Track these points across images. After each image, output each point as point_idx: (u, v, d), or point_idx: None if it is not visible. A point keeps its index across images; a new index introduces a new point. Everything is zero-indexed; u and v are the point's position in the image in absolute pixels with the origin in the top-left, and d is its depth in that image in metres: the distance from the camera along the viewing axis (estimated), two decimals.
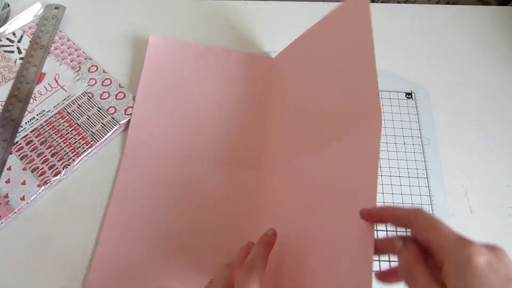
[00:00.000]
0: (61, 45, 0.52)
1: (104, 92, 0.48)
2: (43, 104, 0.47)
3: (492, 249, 0.21)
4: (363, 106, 0.31)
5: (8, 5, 0.55)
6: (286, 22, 0.56)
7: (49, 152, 0.44)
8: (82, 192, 0.43)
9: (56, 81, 0.49)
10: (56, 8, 0.55)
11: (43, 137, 0.45)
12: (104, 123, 0.46)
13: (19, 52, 0.51)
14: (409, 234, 0.25)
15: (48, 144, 0.44)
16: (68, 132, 0.45)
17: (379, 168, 0.31)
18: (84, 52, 0.51)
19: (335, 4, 0.59)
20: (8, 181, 0.42)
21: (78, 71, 0.50)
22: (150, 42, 0.50)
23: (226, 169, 0.43)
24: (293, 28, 0.48)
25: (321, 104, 0.37)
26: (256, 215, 0.40)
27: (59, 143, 0.44)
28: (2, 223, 0.40)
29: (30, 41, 0.52)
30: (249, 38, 0.50)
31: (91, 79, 0.49)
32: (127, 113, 0.47)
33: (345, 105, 0.34)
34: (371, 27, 0.33)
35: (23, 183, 0.42)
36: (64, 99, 0.48)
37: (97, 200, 0.42)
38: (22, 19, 0.54)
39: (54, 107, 0.47)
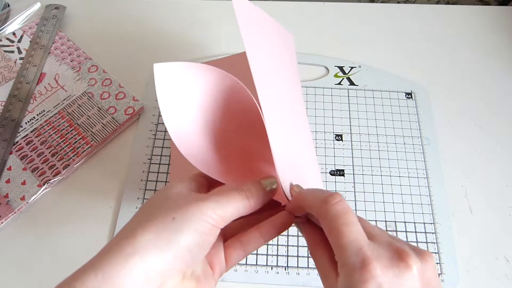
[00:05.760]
0: (61, 45, 0.52)
1: (104, 92, 0.48)
2: (43, 104, 0.47)
3: (397, 266, 0.18)
4: None
5: (8, 5, 0.55)
6: (286, 22, 0.56)
7: (49, 152, 0.44)
8: (82, 192, 0.43)
9: (56, 81, 0.49)
10: (56, 8, 0.55)
11: (43, 137, 0.45)
12: (104, 123, 0.46)
13: (19, 52, 0.51)
14: None
15: (48, 144, 0.44)
16: (68, 132, 0.45)
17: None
18: (84, 52, 0.51)
19: (335, 4, 0.59)
20: (8, 181, 0.42)
21: (78, 71, 0.50)
22: (156, 71, 0.39)
23: None
24: (294, 29, 0.48)
25: None
26: None
27: (59, 143, 0.44)
28: (2, 223, 0.40)
29: (30, 41, 0.52)
30: None
31: (91, 79, 0.49)
32: (127, 113, 0.47)
33: None
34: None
35: (23, 183, 0.42)
36: (64, 99, 0.48)
37: (97, 200, 0.42)
38: (22, 19, 0.54)
39: (54, 107, 0.47)
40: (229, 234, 0.26)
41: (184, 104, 0.27)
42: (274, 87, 0.29)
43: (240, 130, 0.30)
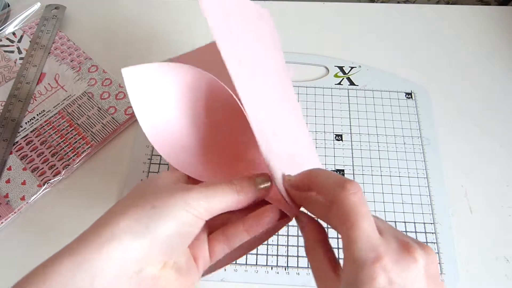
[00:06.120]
0: (61, 45, 0.52)
1: (104, 92, 0.48)
2: (43, 104, 0.47)
3: (401, 259, 0.18)
4: None
5: (8, 5, 0.55)
6: (286, 22, 0.56)
7: (49, 152, 0.44)
8: (82, 192, 0.43)
9: (56, 81, 0.49)
10: (56, 8, 0.55)
11: (43, 137, 0.45)
12: (104, 123, 0.46)
13: (19, 52, 0.51)
14: None
15: (48, 144, 0.44)
16: (68, 132, 0.45)
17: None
18: (84, 52, 0.51)
19: (335, 4, 0.59)
20: (8, 181, 0.42)
21: (78, 71, 0.50)
22: (126, 76, 0.27)
23: None
24: (294, 29, 0.48)
25: None
26: None
27: (59, 143, 0.44)
28: (2, 223, 0.40)
29: (30, 41, 0.52)
30: None
31: (91, 79, 0.49)
32: (127, 113, 0.47)
33: None
34: None
35: (23, 183, 0.42)
36: (64, 99, 0.48)
37: (97, 200, 0.42)
38: (22, 19, 0.54)
39: (54, 107, 0.47)
40: (215, 227, 0.25)
41: (161, 105, 0.26)
42: (256, 76, 0.28)
43: (224, 128, 0.30)
